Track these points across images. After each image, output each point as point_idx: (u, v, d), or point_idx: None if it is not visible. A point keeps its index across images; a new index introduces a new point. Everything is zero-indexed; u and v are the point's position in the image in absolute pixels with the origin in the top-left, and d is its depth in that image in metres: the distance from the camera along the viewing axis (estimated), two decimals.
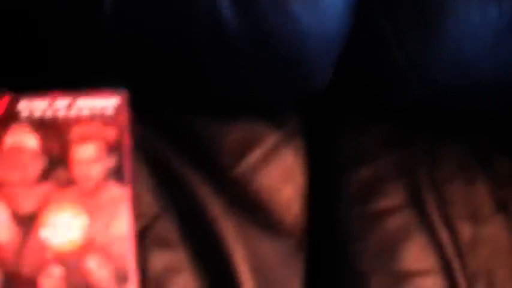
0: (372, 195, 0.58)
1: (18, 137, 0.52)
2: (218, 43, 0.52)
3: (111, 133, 0.53)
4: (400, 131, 0.61)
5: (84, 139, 0.52)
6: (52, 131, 0.52)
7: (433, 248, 0.57)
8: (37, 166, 0.51)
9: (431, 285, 0.56)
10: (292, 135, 0.59)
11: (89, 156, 0.52)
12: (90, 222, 0.51)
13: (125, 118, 0.53)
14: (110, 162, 0.52)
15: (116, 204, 0.51)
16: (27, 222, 0.50)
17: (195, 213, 0.52)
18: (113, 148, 0.52)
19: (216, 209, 0.56)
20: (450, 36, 0.53)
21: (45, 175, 0.51)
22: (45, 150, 0.52)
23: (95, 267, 0.50)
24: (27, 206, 0.50)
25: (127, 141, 0.53)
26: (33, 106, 0.53)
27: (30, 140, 0.52)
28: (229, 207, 0.56)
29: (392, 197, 0.58)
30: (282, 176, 0.58)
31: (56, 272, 0.49)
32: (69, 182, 0.51)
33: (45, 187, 0.51)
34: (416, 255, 0.56)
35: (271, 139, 0.58)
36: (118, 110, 0.53)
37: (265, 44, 0.53)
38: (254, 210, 0.57)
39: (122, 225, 0.51)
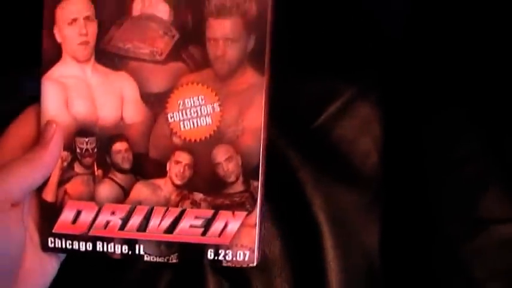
0: (449, 143, 0.56)
1: (149, 4, 0.46)
2: None
3: (252, 8, 0.45)
4: (478, 82, 0.57)
5: (222, 13, 0.45)
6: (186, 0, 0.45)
7: None
8: (168, 41, 0.46)
9: None
10: (369, 88, 0.58)
11: (225, 35, 0.45)
12: (221, 110, 0.46)
13: None
14: (249, 43, 0.46)
15: (251, 94, 0.46)
16: (156, 103, 0.46)
17: (275, 165, 0.50)
18: (252, 27, 0.45)
19: (295, 160, 0.56)
20: None
21: (176, 52, 0.46)
22: (178, 23, 0.46)
23: (223, 159, 0.46)
24: (156, 84, 0.46)
25: (268, 21, 0.45)
26: None
27: (162, 10, 0.46)
28: (308, 159, 0.56)
29: (471, 145, 0.56)
30: (359, 128, 0.58)
31: (184, 159, 0.47)
32: (202, 63, 0.46)
33: (176, 66, 0.46)
34: (495, 203, 0.54)
35: (348, 93, 0.58)
36: None
37: None
38: (332, 162, 0.57)
39: (255, 118, 0.46)
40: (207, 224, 0.47)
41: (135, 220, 0.47)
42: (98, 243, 0.48)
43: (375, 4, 0.59)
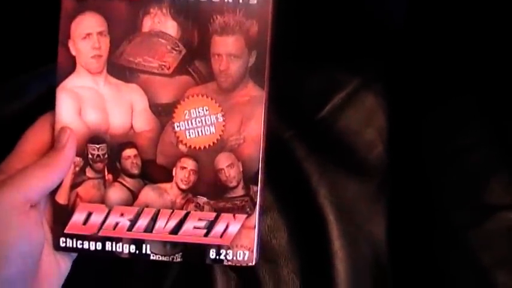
0: (454, 131, 0.56)
1: (159, 21, 0.49)
2: None
3: (253, 27, 0.49)
4: (482, 69, 0.57)
5: (226, 31, 0.49)
6: (193, 18, 0.49)
7: None
8: (175, 56, 0.49)
9: None
10: (372, 79, 0.58)
11: (229, 51, 0.49)
12: (224, 120, 0.50)
13: (268, 11, 0.49)
14: (250, 59, 0.49)
15: (252, 106, 0.50)
16: (163, 113, 0.50)
17: (280, 156, 0.52)
18: (254, 44, 0.49)
19: (301, 151, 0.57)
20: None
21: (183, 67, 0.50)
22: (185, 39, 0.49)
23: (225, 165, 0.50)
24: (164, 96, 0.50)
25: (269, 39, 0.49)
26: None
27: (171, 27, 0.49)
28: (313, 150, 0.57)
29: (476, 133, 0.56)
30: (363, 119, 0.58)
31: (189, 165, 0.50)
32: (207, 76, 0.50)
33: (183, 79, 0.50)
34: (500, 190, 0.54)
35: (352, 84, 0.58)
36: (263, 1, 0.49)
37: None
38: (337, 152, 0.57)
39: (255, 128, 0.50)
40: (210, 226, 0.50)
41: (143, 222, 0.51)
42: (107, 243, 0.51)
43: None
